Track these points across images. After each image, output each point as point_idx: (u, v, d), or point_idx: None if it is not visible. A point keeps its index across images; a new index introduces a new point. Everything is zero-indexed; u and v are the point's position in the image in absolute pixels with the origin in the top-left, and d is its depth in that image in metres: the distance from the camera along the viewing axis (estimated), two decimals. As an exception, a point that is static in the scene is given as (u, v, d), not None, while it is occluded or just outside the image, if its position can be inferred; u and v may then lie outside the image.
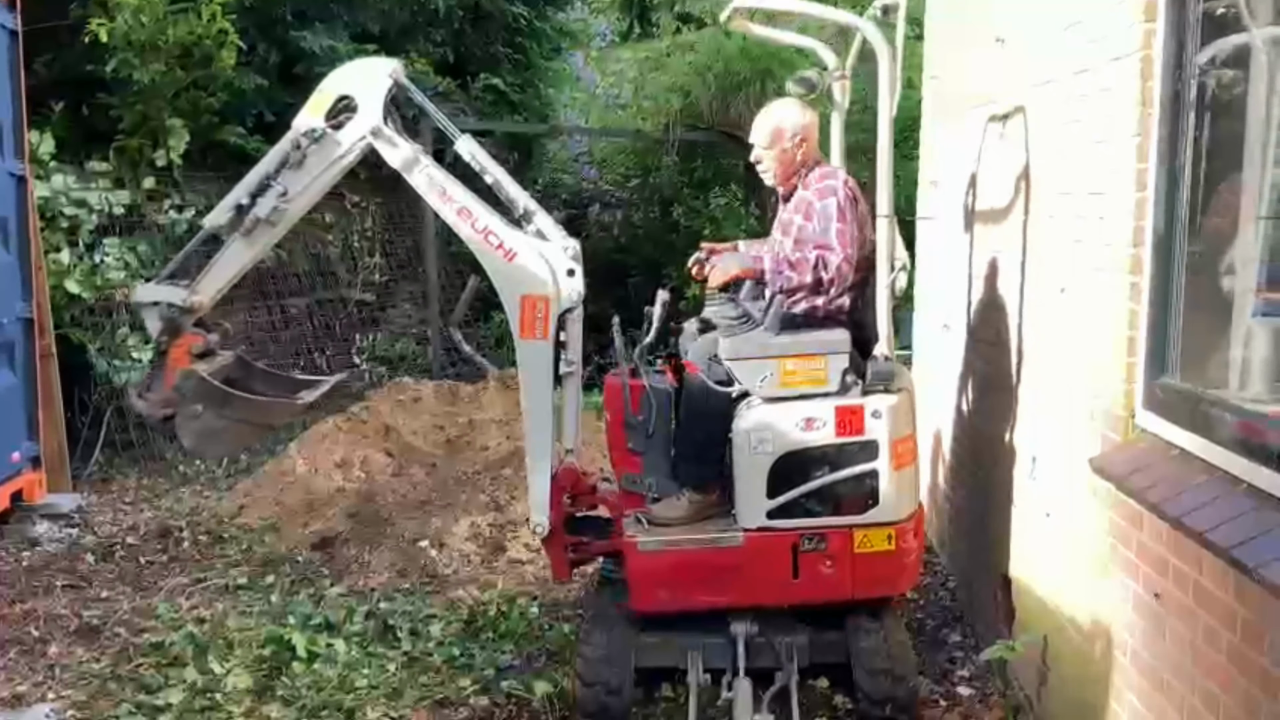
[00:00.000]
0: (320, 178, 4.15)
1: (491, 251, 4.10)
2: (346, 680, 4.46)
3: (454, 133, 4.14)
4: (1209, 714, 2.69)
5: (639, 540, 3.98)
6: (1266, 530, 2.43)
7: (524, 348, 4.11)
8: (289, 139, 4.04)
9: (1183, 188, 3.03)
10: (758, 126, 4.30)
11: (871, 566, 3.95)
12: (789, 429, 3.90)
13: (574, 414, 4.37)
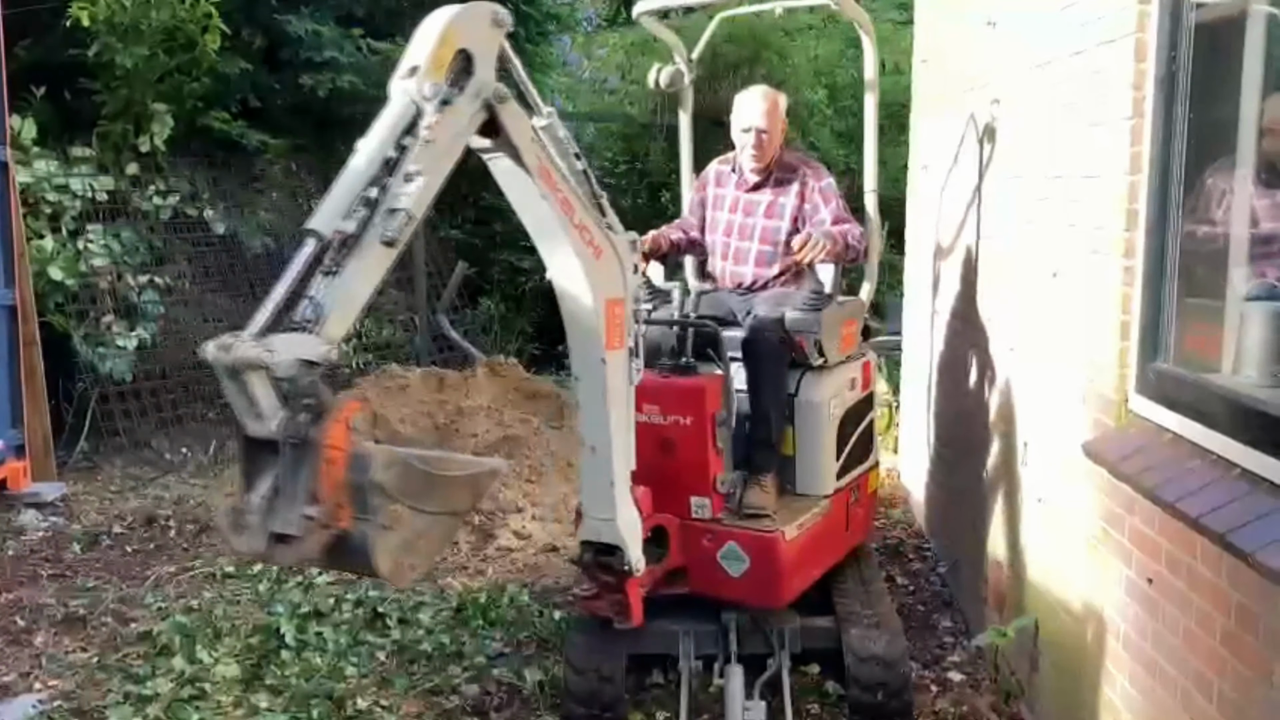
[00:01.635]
0: (450, 156, 2.96)
1: (584, 250, 3.29)
2: (336, 669, 4.43)
3: (541, 106, 3.20)
4: (1202, 698, 2.68)
5: (784, 532, 3.92)
6: (1260, 515, 2.42)
7: (611, 360, 3.40)
8: (405, 107, 2.75)
9: (1176, 171, 3.02)
10: (754, 105, 4.32)
11: (874, 506, 4.73)
12: (844, 391, 4.30)
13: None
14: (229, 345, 2.22)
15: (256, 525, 2.25)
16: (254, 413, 2.26)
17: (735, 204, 4.43)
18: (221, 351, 2.22)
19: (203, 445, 7.80)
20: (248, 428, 2.29)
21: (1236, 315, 2.98)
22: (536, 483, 6.41)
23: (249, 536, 2.26)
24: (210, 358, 2.24)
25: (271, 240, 9.19)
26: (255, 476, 2.31)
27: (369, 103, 9.39)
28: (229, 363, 2.23)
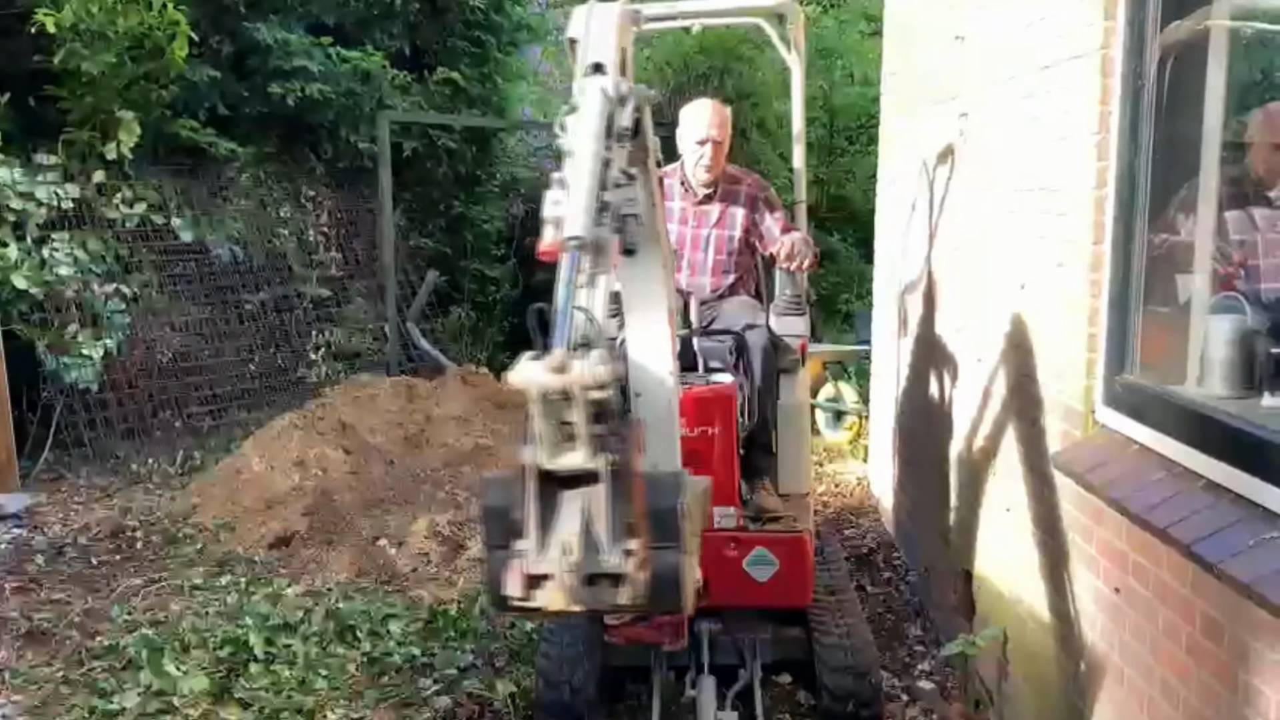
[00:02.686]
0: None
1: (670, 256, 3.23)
2: (306, 681, 4.40)
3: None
4: (1169, 707, 2.71)
5: (807, 531, 3.97)
6: (1225, 525, 2.45)
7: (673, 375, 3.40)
8: (604, 105, 2.44)
9: (1142, 185, 3.06)
10: (709, 116, 4.32)
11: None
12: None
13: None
14: (560, 365, 1.91)
15: (574, 573, 1.95)
16: (568, 443, 1.97)
17: (686, 216, 4.43)
18: (552, 373, 1.91)
19: (169, 455, 7.72)
20: (555, 460, 1.97)
21: (1202, 327, 3.02)
22: (507, 493, 6.39)
23: (563, 589, 1.96)
24: (534, 381, 1.89)
25: (240, 249, 9.13)
26: (549, 519, 2.00)
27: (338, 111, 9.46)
28: (561, 386, 1.91)
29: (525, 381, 1.88)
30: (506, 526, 2.00)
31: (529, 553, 1.96)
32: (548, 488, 1.97)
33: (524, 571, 1.96)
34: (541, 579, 1.96)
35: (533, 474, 1.96)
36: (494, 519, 2.06)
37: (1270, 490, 2.36)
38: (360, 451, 6.81)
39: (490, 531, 2.07)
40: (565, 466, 1.95)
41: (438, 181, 10.52)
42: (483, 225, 11.11)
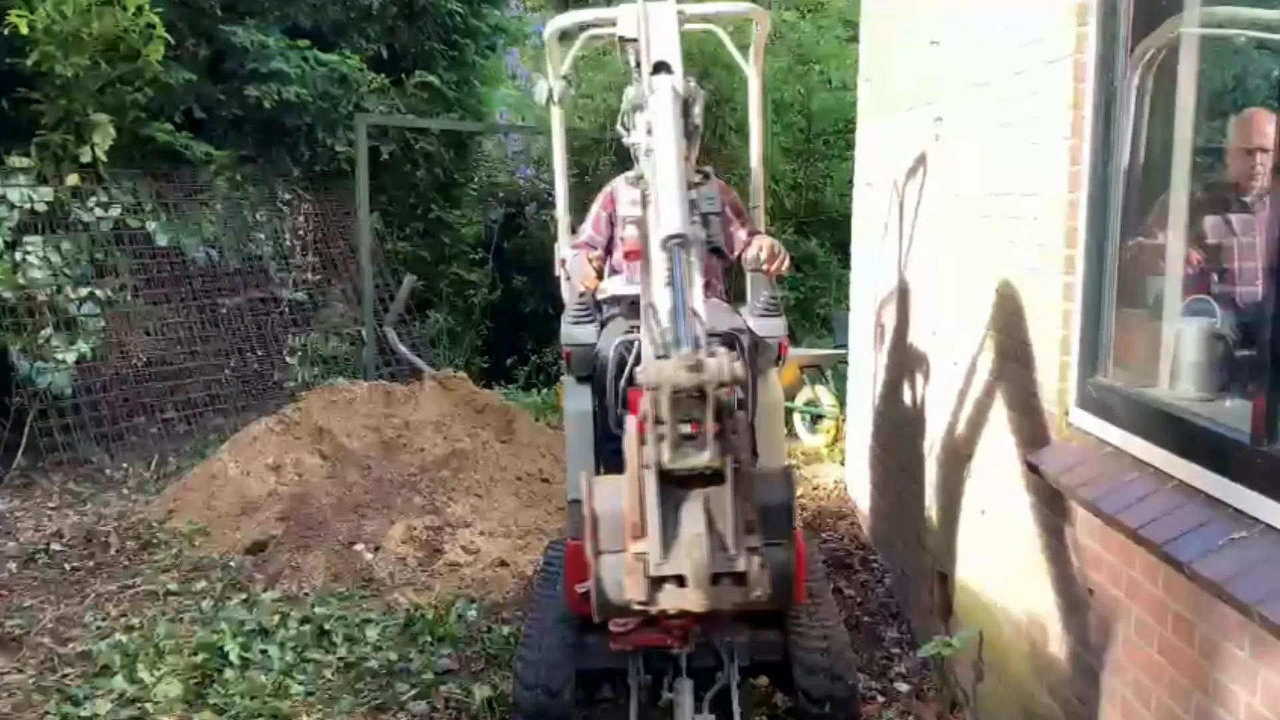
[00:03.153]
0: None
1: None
2: (281, 687, 4.38)
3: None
4: (1140, 706, 2.74)
5: (800, 530, 3.95)
6: (1195, 526, 2.47)
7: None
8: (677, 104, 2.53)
9: (1114, 189, 3.09)
10: None
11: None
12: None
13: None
14: (696, 364, 1.88)
15: (703, 572, 1.91)
16: (697, 442, 1.94)
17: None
18: (688, 371, 1.87)
19: (144, 460, 7.67)
20: (681, 460, 1.93)
21: (1174, 330, 3.05)
22: (485, 497, 6.38)
23: (697, 590, 1.90)
24: (672, 379, 1.86)
25: (215, 252, 9.08)
26: (670, 520, 1.96)
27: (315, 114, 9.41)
28: (699, 383, 1.88)
29: (662, 380, 1.86)
30: (628, 529, 1.97)
31: (652, 554, 1.92)
32: (665, 488, 1.95)
33: (647, 574, 1.93)
34: (663, 581, 1.94)
35: (655, 474, 1.93)
36: (606, 523, 2.07)
37: (1239, 490, 2.39)
38: (337, 456, 6.78)
39: (600, 536, 2.08)
40: (692, 466, 1.93)
41: (415, 185, 10.49)
42: (460, 229, 11.10)
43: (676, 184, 2.20)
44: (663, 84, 2.40)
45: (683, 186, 2.22)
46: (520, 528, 6.09)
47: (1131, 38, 3.05)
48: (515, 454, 6.89)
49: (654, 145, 2.30)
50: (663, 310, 2.07)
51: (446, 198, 10.88)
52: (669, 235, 2.11)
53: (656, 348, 2.03)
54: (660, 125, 2.32)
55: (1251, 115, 3.53)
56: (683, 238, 2.12)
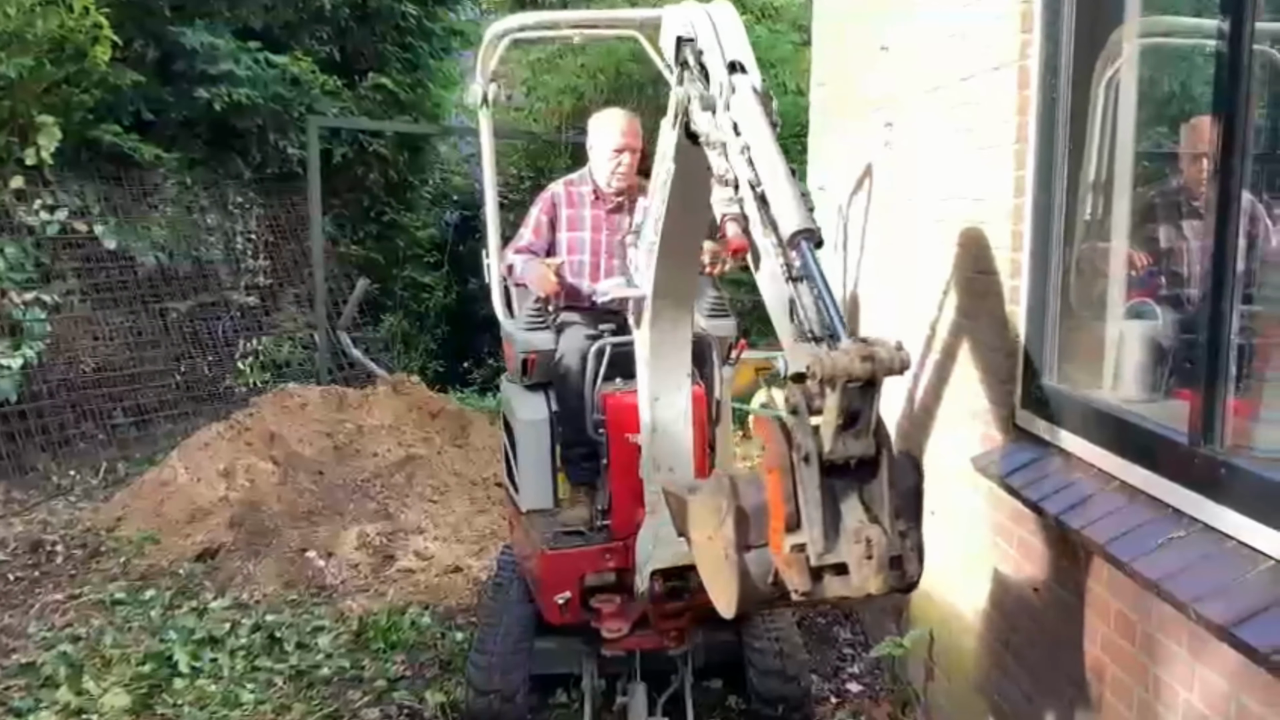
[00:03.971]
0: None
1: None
2: (231, 696, 4.33)
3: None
4: (1086, 707, 2.78)
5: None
6: (1136, 526, 2.52)
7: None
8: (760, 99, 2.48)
9: (1058, 195, 3.13)
10: (626, 125, 4.31)
11: None
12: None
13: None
14: (868, 353, 1.90)
15: (881, 559, 1.91)
16: (856, 430, 1.96)
17: (598, 224, 4.40)
18: (865, 362, 1.89)
19: (92, 467, 7.56)
20: (843, 449, 1.95)
21: (1117, 333, 3.10)
22: (439, 503, 6.35)
23: (873, 575, 1.91)
24: (845, 369, 1.86)
25: (165, 256, 8.97)
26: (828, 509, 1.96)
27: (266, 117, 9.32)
28: (874, 372, 1.90)
29: (837, 370, 1.86)
30: (779, 521, 1.96)
31: (814, 545, 1.93)
32: (823, 479, 1.95)
33: (810, 565, 1.94)
34: (825, 570, 1.94)
35: (815, 464, 1.94)
36: (753, 518, 2.04)
37: (1178, 490, 2.43)
38: (289, 462, 6.72)
39: (745, 532, 2.05)
40: (852, 455, 1.95)
41: (369, 188, 10.43)
42: (415, 232, 11.05)
43: (787, 178, 2.23)
44: (743, 83, 2.43)
45: (792, 180, 2.25)
46: (474, 533, 6.07)
47: (1075, 45, 3.09)
48: (469, 459, 6.87)
49: (751, 143, 2.31)
50: (807, 300, 2.09)
51: (400, 200, 10.82)
52: (796, 231, 2.14)
53: (801, 338, 2.05)
54: (753, 123, 2.34)
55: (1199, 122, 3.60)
56: (810, 232, 2.15)
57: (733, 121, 2.38)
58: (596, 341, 3.97)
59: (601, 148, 4.31)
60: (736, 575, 2.04)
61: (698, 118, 2.48)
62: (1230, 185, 2.33)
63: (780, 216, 2.17)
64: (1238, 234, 2.36)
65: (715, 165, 2.37)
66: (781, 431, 1.97)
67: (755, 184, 2.26)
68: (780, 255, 2.15)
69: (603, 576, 3.84)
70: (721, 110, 2.42)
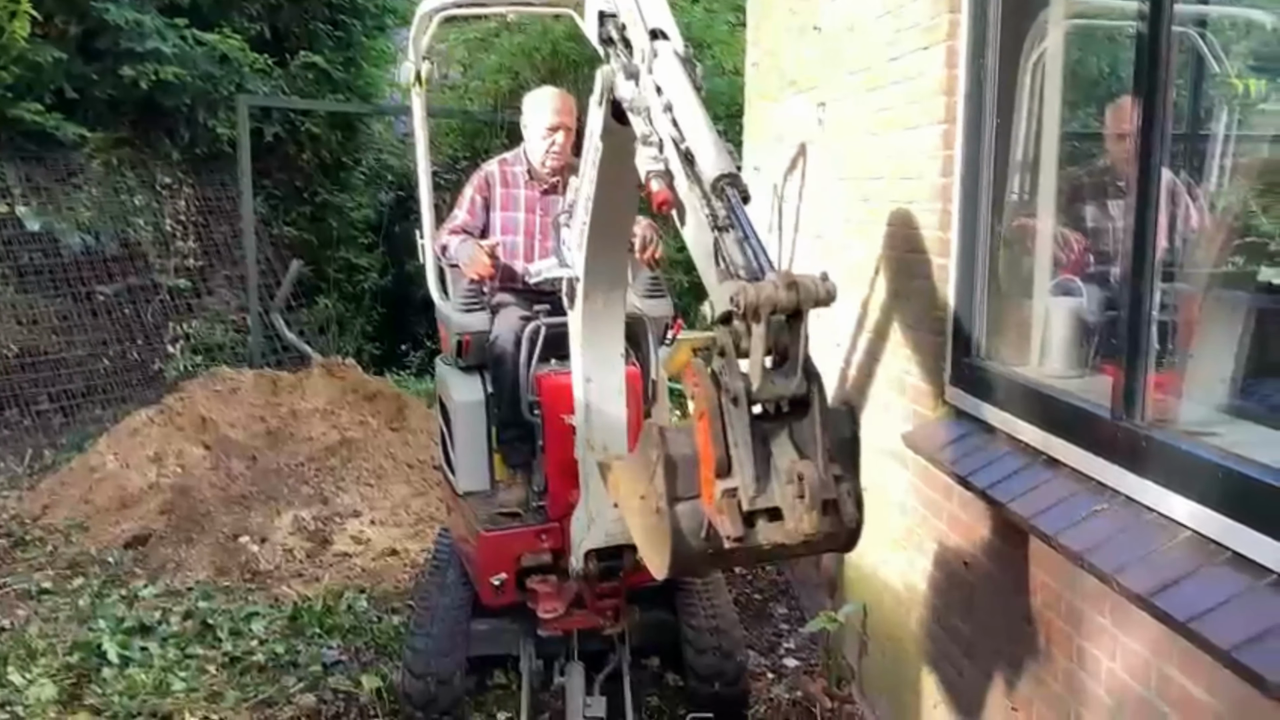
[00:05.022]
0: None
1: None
2: (162, 684, 4.27)
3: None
4: (1014, 676, 2.83)
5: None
6: (1062, 499, 2.56)
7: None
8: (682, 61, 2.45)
9: (985, 174, 3.16)
10: (561, 104, 4.26)
11: None
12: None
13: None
14: (792, 281, 1.83)
15: (812, 500, 1.82)
16: (785, 369, 1.89)
17: (532, 204, 4.36)
18: (790, 290, 1.83)
19: (17, 454, 7.38)
20: (771, 389, 1.88)
21: (1043, 310, 3.15)
22: (375, 486, 6.29)
23: (804, 517, 1.82)
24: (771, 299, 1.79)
25: (91, 238, 8.76)
26: (759, 452, 1.89)
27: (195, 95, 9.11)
28: (800, 302, 1.84)
29: (761, 300, 1.80)
30: (709, 469, 1.89)
31: (745, 489, 1.87)
32: (753, 421, 1.89)
33: (741, 510, 1.87)
34: (757, 516, 1.88)
35: (744, 404, 1.87)
36: (682, 467, 1.97)
37: (1101, 463, 2.48)
38: (221, 447, 6.61)
39: (674, 483, 1.98)
40: (781, 394, 1.88)
41: (301, 168, 10.26)
42: (350, 213, 10.89)
43: (709, 129, 2.21)
44: (665, 48, 2.42)
45: (715, 131, 2.22)
46: (412, 516, 6.03)
47: (1003, 25, 3.12)
48: (406, 442, 6.81)
49: (673, 101, 2.30)
50: (730, 244, 2.04)
51: (334, 181, 10.67)
52: (719, 176, 2.11)
53: (729, 277, 1.98)
54: (672, 80, 2.34)
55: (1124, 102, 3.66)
56: (733, 175, 2.11)
57: (655, 84, 2.37)
58: (531, 323, 3.95)
59: (536, 126, 4.26)
60: (669, 530, 1.98)
61: (621, 87, 2.48)
62: (1150, 164, 2.37)
63: (704, 165, 2.15)
64: (1158, 212, 2.40)
65: (639, 129, 2.36)
66: (710, 375, 1.91)
67: (679, 141, 2.25)
68: (705, 205, 2.12)
69: (539, 557, 3.83)
70: (645, 75, 2.42)
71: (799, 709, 4.13)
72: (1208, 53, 3.76)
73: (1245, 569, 1.96)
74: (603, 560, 3.57)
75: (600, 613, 3.80)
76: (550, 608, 3.77)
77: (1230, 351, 2.86)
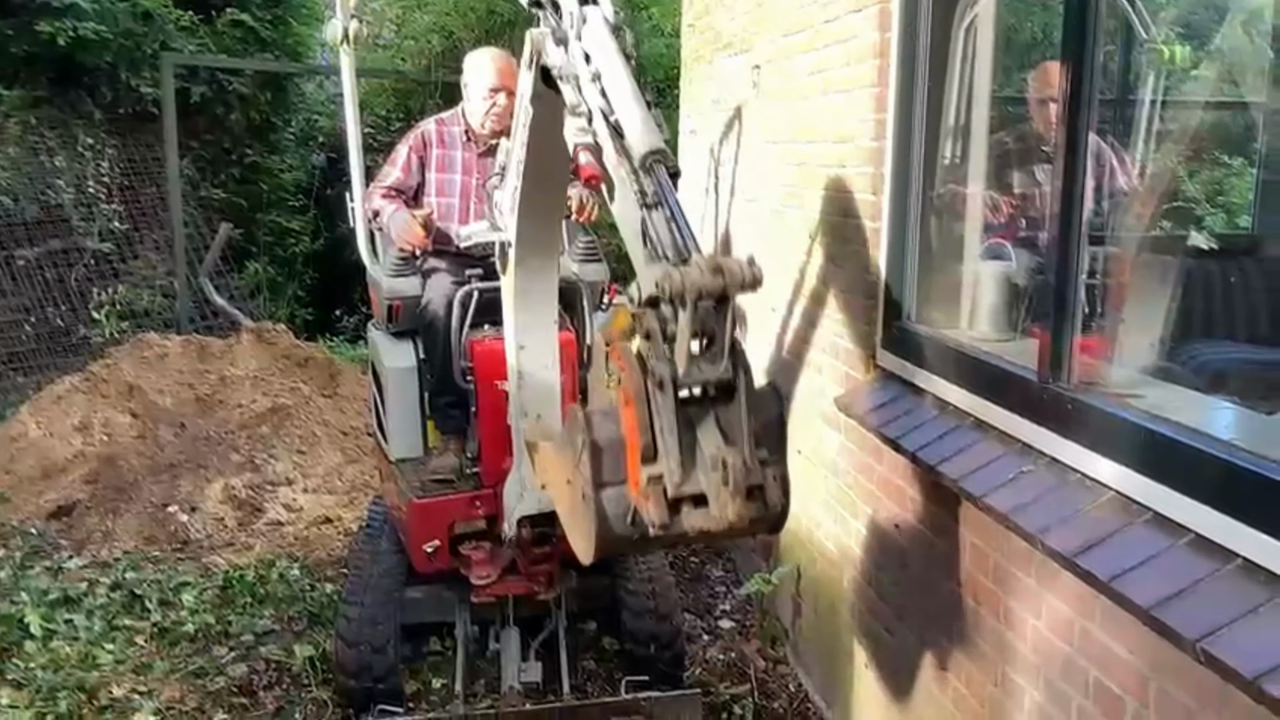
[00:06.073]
0: None
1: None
2: (88, 657, 4.19)
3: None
4: (943, 638, 2.87)
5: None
6: (989, 460, 2.59)
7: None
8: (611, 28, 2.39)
9: (917, 138, 3.17)
10: (502, 66, 4.16)
11: None
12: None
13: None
14: (717, 266, 1.77)
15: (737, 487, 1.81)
16: (711, 354, 1.85)
17: (470, 166, 4.28)
18: (715, 275, 1.77)
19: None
20: (698, 373, 1.84)
21: (972, 274, 3.17)
22: (308, 453, 6.21)
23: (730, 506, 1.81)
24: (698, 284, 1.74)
25: (10, 200, 8.48)
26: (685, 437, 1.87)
27: (116, 53, 8.82)
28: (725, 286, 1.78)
29: (687, 285, 1.75)
30: (634, 454, 1.87)
31: (670, 475, 1.85)
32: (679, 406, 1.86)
33: (667, 497, 1.85)
34: (683, 502, 1.86)
35: (670, 390, 1.84)
36: (607, 452, 1.95)
37: (1028, 426, 2.51)
38: (148, 414, 6.47)
39: (600, 468, 1.96)
40: (707, 380, 1.85)
41: (229, 129, 10.00)
42: (280, 175, 10.67)
43: (637, 103, 2.15)
44: (594, 13, 2.34)
45: (644, 105, 2.16)
46: (345, 483, 5.96)
47: (934, -12, 3.12)
48: (339, 409, 6.72)
49: (602, 71, 2.23)
50: (659, 223, 2.00)
51: (264, 142, 10.42)
52: (648, 152, 2.06)
53: (653, 260, 1.95)
54: (601, 49, 2.26)
55: (1046, 67, 3.68)
56: (662, 152, 2.06)
57: (584, 52, 2.33)
58: (463, 287, 3.90)
59: (477, 87, 4.17)
60: (594, 516, 1.97)
61: (551, 53, 2.42)
62: (1078, 129, 2.38)
63: (632, 141, 2.11)
64: (1085, 177, 2.42)
65: (568, 97, 2.31)
66: (636, 359, 1.88)
67: (608, 114, 2.20)
68: (634, 181, 2.08)
69: (472, 524, 3.81)
70: (574, 41, 2.36)
71: (734, 670, 4.17)
72: (1135, 19, 3.79)
73: (1166, 529, 2.00)
74: (536, 526, 3.56)
75: (534, 579, 3.79)
76: (484, 574, 3.76)
77: (1156, 315, 2.91)
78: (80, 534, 5.40)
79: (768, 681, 4.10)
